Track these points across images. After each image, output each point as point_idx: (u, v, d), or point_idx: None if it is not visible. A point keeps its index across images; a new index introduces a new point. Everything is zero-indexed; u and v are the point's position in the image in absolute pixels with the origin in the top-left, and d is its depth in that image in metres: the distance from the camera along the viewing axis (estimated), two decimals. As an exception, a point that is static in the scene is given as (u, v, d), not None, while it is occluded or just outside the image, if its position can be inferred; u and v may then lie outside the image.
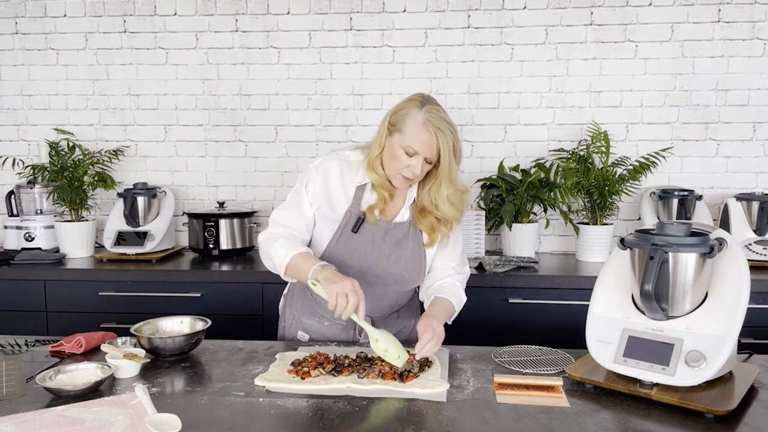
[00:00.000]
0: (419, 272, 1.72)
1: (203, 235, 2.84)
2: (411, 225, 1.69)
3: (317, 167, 1.69)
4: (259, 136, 3.08)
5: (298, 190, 1.71)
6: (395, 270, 1.68)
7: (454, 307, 1.69)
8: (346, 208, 1.67)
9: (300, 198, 1.69)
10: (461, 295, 1.74)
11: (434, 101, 1.60)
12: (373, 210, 1.65)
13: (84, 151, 2.94)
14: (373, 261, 1.67)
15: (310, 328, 1.77)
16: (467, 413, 1.24)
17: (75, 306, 2.60)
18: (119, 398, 1.30)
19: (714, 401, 1.23)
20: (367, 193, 1.67)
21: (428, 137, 1.55)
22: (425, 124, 1.54)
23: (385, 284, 1.70)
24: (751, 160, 2.90)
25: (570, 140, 2.93)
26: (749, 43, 2.83)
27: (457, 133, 1.60)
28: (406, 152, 1.57)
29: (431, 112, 1.55)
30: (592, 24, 2.88)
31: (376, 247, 1.67)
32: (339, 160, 1.69)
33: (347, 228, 1.66)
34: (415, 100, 1.59)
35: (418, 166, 1.57)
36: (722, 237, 1.35)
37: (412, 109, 1.57)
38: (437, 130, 1.54)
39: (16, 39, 3.10)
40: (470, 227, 2.75)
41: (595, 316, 1.43)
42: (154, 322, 1.66)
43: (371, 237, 1.66)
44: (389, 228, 1.67)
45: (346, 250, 1.66)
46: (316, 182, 1.68)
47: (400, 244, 1.68)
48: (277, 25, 3.00)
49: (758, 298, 2.33)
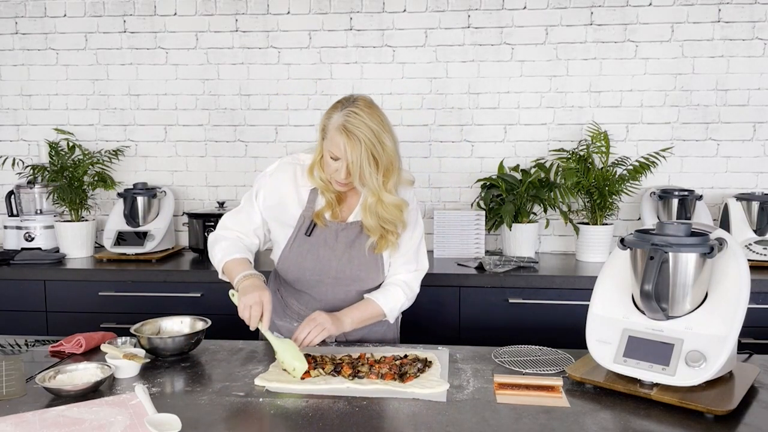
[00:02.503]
0: (376, 271, 1.71)
1: (203, 235, 2.83)
2: (362, 225, 1.68)
3: (271, 173, 1.71)
4: (259, 136, 3.08)
5: (250, 196, 1.73)
6: (349, 270, 1.69)
7: (380, 308, 1.68)
8: (300, 212, 1.68)
9: (251, 205, 1.73)
10: (396, 296, 1.70)
11: (361, 103, 1.54)
12: (321, 214, 1.66)
13: (84, 151, 2.94)
14: (327, 262, 1.68)
15: (283, 330, 1.79)
16: (467, 413, 1.24)
17: (75, 306, 2.60)
18: (119, 398, 1.30)
19: (714, 401, 1.23)
20: (319, 197, 1.68)
21: (341, 141, 1.51)
22: (339, 128, 1.51)
23: (343, 284, 1.71)
24: (751, 160, 2.90)
25: (570, 140, 2.93)
26: (749, 43, 2.83)
27: (381, 139, 1.51)
28: (330, 156, 1.56)
29: (349, 115, 1.51)
30: (592, 24, 2.88)
31: (329, 249, 1.68)
32: (293, 165, 1.70)
33: (301, 231, 1.68)
34: (339, 102, 1.57)
35: (342, 170, 1.55)
36: (722, 237, 1.35)
37: (335, 112, 1.55)
38: (349, 133, 1.50)
39: (16, 39, 3.10)
40: (470, 227, 2.76)
41: (595, 316, 1.43)
42: (154, 322, 1.66)
43: (324, 239, 1.68)
44: (341, 228, 1.68)
45: (300, 253, 1.68)
46: (268, 189, 1.70)
47: (353, 244, 1.68)
48: (277, 25, 3.00)
49: (758, 298, 2.33)
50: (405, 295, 1.73)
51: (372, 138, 1.50)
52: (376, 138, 1.51)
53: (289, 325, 1.79)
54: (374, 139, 1.50)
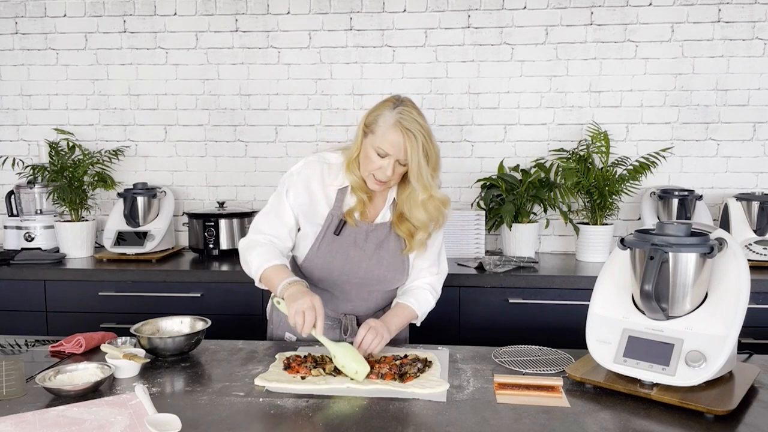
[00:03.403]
0: (402, 272, 1.73)
1: (203, 235, 2.84)
2: (392, 225, 1.69)
3: (299, 171, 1.70)
4: (259, 136, 3.08)
5: (279, 194, 1.71)
6: (377, 270, 1.69)
7: (414, 312, 1.70)
8: (328, 211, 1.68)
9: (281, 204, 1.70)
10: (427, 299, 1.73)
11: (409, 103, 1.59)
12: (352, 213, 1.66)
13: (84, 151, 2.94)
14: (356, 262, 1.68)
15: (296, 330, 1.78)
16: (467, 413, 1.24)
17: (75, 306, 2.60)
18: (119, 398, 1.30)
19: (714, 401, 1.23)
20: (347, 196, 1.68)
21: (397, 138, 1.54)
22: (395, 125, 1.54)
23: (368, 285, 1.71)
24: (751, 160, 2.90)
25: (570, 140, 2.93)
26: (749, 43, 2.83)
27: (430, 137, 1.57)
28: (377, 153, 1.57)
29: (403, 113, 1.55)
30: (592, 24, 2.88)
31: (359, 249, 1.67)
32: (320, 163, 1.70)
33: (329, 231, 1.67)
34: (389, 102, 1.59)
35: (389, 167, 1.57)
36: (722, 237, 1.35)
37: (385, 110, 1.57)
38: (407, 131, 1.53)
39: (16, 39, 3.10)
40: (470, 227, 2.75)
41: (595, 316, 1.43)
42: (154, 322, 1.66)
43: (353, 238, 1.67)
44: (371, 229, 1.68)
45: (329, 252, 1.67)
46: (298, 187, 1.68)
47: (382, 245, 1.69)
48: (277, 25, 3.00)
49: (758, 298, 2.33)
50: (433, 298, 1.75)
51: (426, 135, 1.56)
52: (428, 135, 1.57)
53: None
54: (427, 136, 1.56)
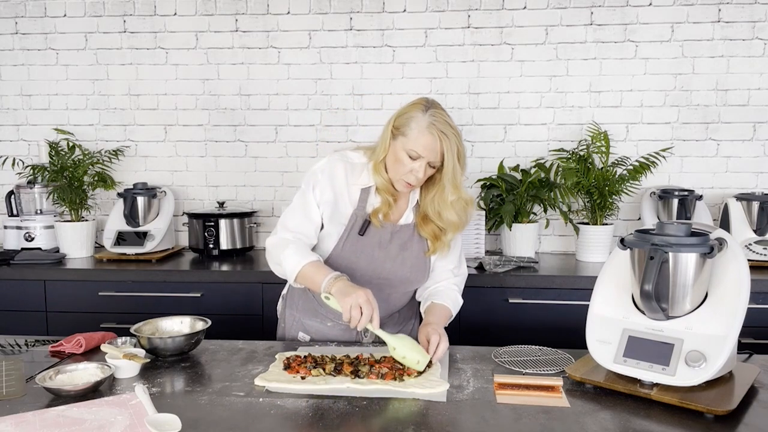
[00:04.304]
0: (424, 273, 1.73)
1: (203, 235, 2.84)
2: (415, 227, 1.70)
3: (323, 169, 1.68)
4: (259, 136, 3.08)
5: (305, 192, 1.68)
6: (401, 272, 1.69)
7: (451, 312, 1.71)
8: (352, 211, 1.67)
9: (307, 201, 1.67)
10: (458, 299, 1.76)
11: (438, 105, 1.60)
12: (377, 214, 1.65)
13: (84, 151, 2.94)
14: (380, 263, 1.67)
15: (312, 329, 1.77)
16: (467, 413, 1.24)
17: (75, 306, 2.60)
18: (119, 398, 1.30)
19: (714, 401, 1.23)
20: (371, 196, 1.67)
21: (432, 141, 1.55)
22: (429, 128, 1.55)
23: (391, 286, 1.71)
24: (751, 160, 2.90)
25: (570, 140, 2.93)
26: (749, 43, 2.83)
27: (461, 138, 1.60)
28: (409, 156, 1.57)
29: (435, 116, 1.56)
30: (592, 24, 2.88)
31: (383, 250, 1.67)
32: (343, 161, 1.68)
33: (354, 230, 1.66)
34: (419, 104, 1.59)
35: (421, 170, 1.57)
36: (722, 237, 1.35)
37: (417, 112, 1.57)
38: (441, 133, 1.55)
39: (16, 39, 3.10)
40: (470, 227, 2.75)
41: (595, 316, 1.43)
42: (154, 322, 1.66)
43: (378, 239, 1.67)
44: (395, 230, 1.68)
45: (353, 252, 1.66)
46: (323, 184, 1.66)
47: (406, 246, 1.69)
48: (277, 25, 3.00)
49: (758, 298, 2.33)
50: (461, 299, 1.77)
51: (458, 136, 1.59)
52: (460, 137, 1.60)
53: (320, 324, 1.76)
54: (459, 137, 1.59)
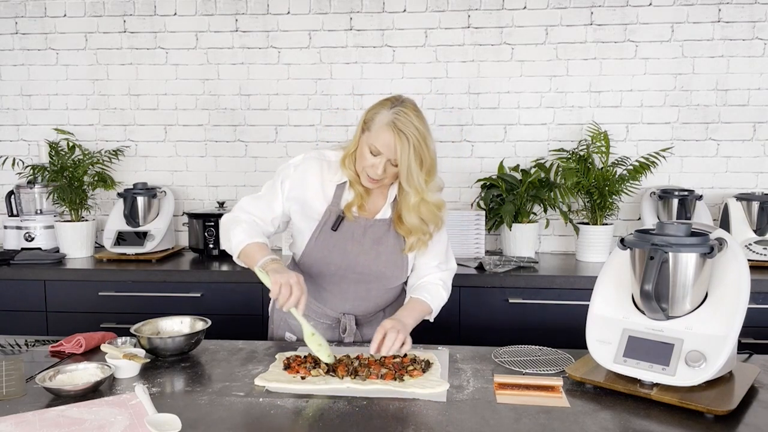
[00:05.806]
0: (401, 269, 1.72)
1: (203, 235, 2.84)
2: (392, 223, 1.69)
3: (296, 165, 1.70)
4: (259, 136, 3.08)
5: (273, 184, 1.72)
6: (375, 267, 1.69)
7: (429, 306, 1.70)
8: (326, 207, 1.68)
9: (274, 192, 1.71)
10: (440, 293, 1.74)
11: (409, 104, 1.58)
12: (350, 207, 1.66)
13: (84, 151, 2.94)
14: (353, 257, 1.67)
15: (297, 329, 1.77)
16: (467, 413, 1.24)
17: (75, 306, 2.60)
18: (119, 398, 1.30)
19: (714, 401, 1.23)
20: (346, 192, 1.68)
21: (389, 138, 1.54)
22: (389, 125, 1.54)
23: (366, 281, 1.71)
24: (751, 160, 2.90)
25: (570, 140, 2.93)
26: (749, 43, 2.83)
27: (425, 141, 1.56)
28: (370, 151, 1.57)
29: (399, 114, 1.54)
30: (592, 24, 2.88)
31: (356, 244, 1.67)
32: (319, 159, 1.70)
33: (327, 226, 1.67)
34: (389, 101, 1.60)
35: (380, 166, 1.57)
36: (722, 237, 1.35)
37: (383, 108, 1.58)
38: (399, 132, 1.53)
39: (16, 39, 3.10)
40: (470, 227, 2.75)
41: (595, 316, 1.43)
42: (154, 322, 1.66)
43: (351, 233, 1.67)
44: (369, 225, 1.68)
45: (326, 246, 1.67)
46: (294, 180, 1.69)
47: (380, 241, 1.69)
48: (277, 25, 3.00)
49: (758, 298, 2.33)
50: (446, 293, 1.76)
51: (419, 138, 1.54)
52: (423, 139, 1.55)
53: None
54: (421, 139, 1.55)
